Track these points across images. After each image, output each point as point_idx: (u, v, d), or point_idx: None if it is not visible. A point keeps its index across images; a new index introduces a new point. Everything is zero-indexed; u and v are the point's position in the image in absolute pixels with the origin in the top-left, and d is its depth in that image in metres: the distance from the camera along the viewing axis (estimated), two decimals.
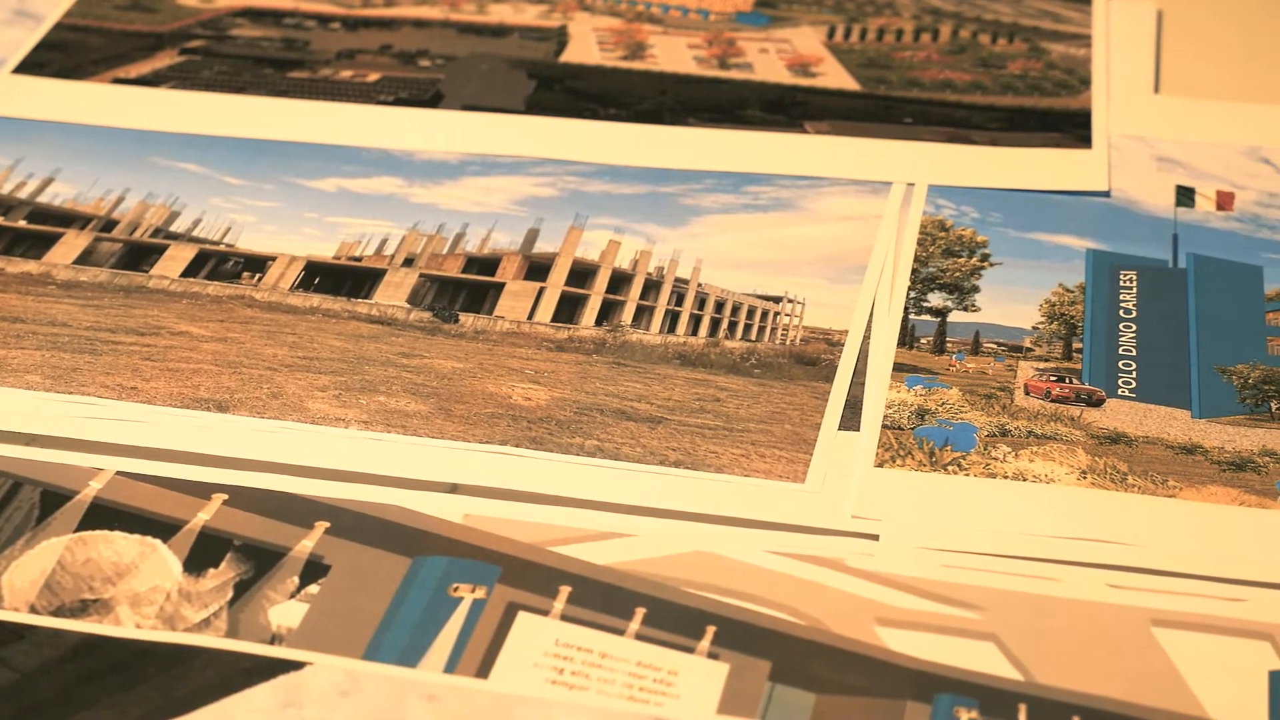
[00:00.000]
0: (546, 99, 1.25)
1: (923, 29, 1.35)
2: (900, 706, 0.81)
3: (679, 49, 1.32)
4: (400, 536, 0.89)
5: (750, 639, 0.84)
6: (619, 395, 1.00)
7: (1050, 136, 1.20)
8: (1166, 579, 0.87)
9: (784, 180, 1.17)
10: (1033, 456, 0.95)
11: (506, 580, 0.87)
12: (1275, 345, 1.03)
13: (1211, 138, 1.19)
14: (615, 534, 0.90)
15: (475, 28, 1.35)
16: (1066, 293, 1.07)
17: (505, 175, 1.18)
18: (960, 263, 1.09)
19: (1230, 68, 1.25)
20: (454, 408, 0.99)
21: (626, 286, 1.11)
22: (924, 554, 0.89)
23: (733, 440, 0.96)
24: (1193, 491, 0.92)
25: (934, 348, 1.04)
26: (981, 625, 0.85)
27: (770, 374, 1.03)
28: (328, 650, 0.83)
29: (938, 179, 1.16)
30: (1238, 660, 0.82)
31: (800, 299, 1.08)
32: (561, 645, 0.84)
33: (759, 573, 0.88)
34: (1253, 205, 1.13)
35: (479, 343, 1.06)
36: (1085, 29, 1.31)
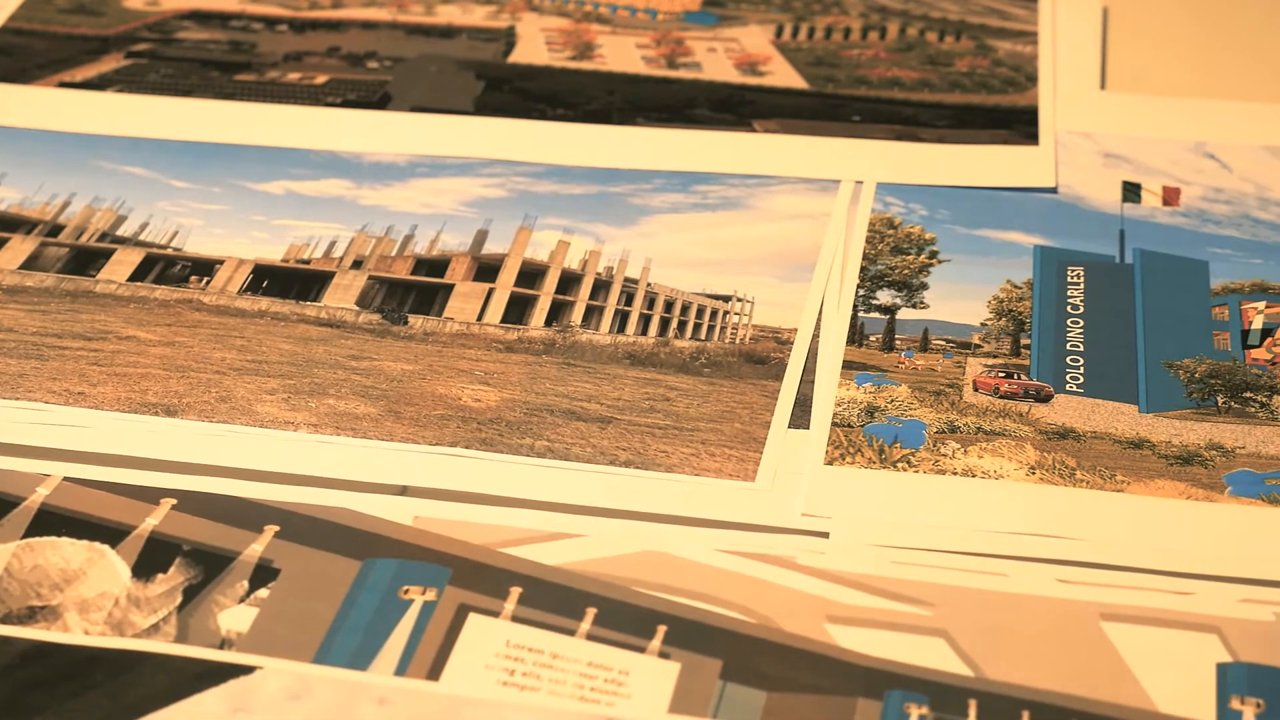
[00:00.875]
0: (495, 100, 1.25)
1: (870, 27, 1.35)
2: (851, 704, 0.81)
3: (627, 49, 1.32)
4: (350, 539, 0.89)
5: (701, 638, 0.84)
6: (569, 395, 1.00)
7: (997, 133, 1.20)
8: (1115, 573, 0.87)
9: (733, 179, 1.17)
10: (982, 453, 0.95)
11: (457, 582, 0.87)
12: (1221, 340, 1.03)
13: (1157, 133, 1.19)
14: (565, 534, 0.90)
15: (423, 29, 1.35)
16: (1014, 289, 1.07)
17: (454, 176, 1.18)
18: (909, 260, 1.10)
19: (1176, 63, 1.26)
20: (403, 410, 0.98)
21: (576, 287, 1.11)
22: (874, 551, 0.89)
23: (683, 439, 0.96)
24: (1140, 486, 0.92)
25: (883, 345, 1.04)
26: (931, 621, 0.85)
27: (720, 373, 1.04)
28: (278, 654, 0.83)
29: (886, 176, 1.16)
30: (1186, 653, 0.83)
31: (749, 297, 1.08)
32: (512, 646, 0.84)
33: (710, 571, 0.88)
34: (1198, 200, 1.13)
35: (428, 344, 1.06)
36: (1032, 26, 1.32)
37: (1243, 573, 0.87)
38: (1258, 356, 1.02)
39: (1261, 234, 1.10)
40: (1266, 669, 0.81)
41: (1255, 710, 0.80)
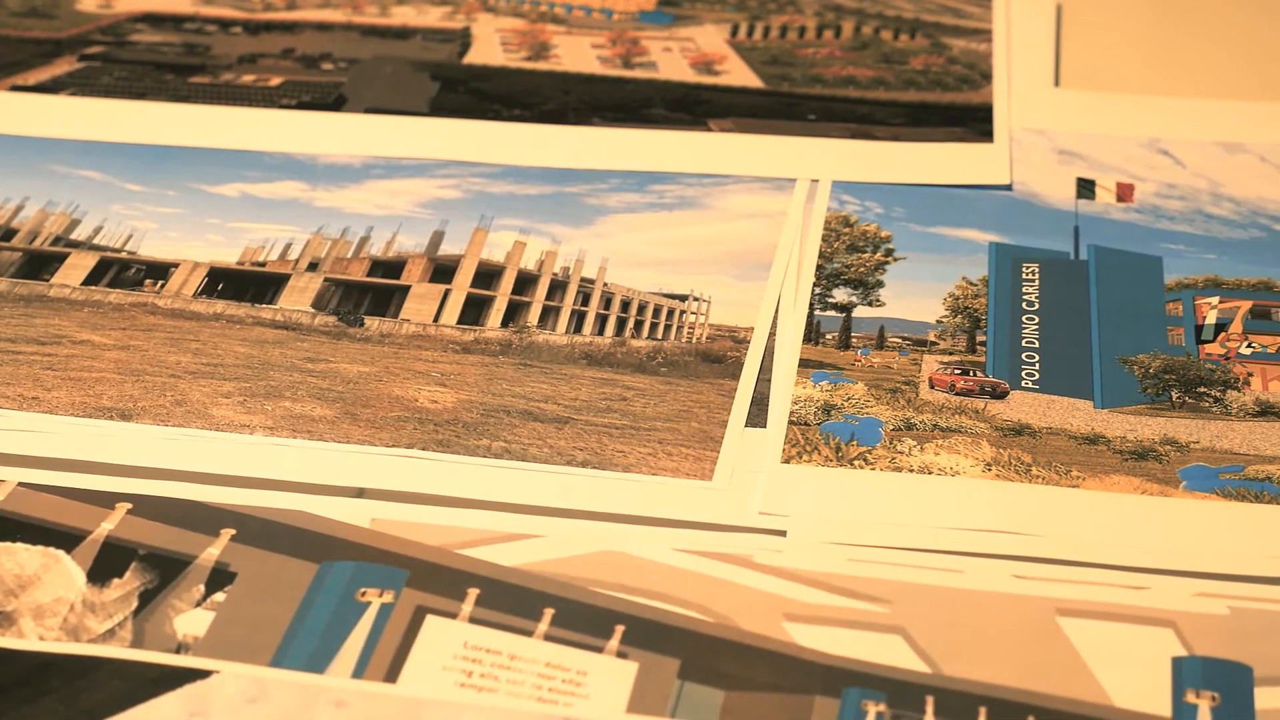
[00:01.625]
0: (450, 101, 1.25)
1: (825, 26, 1.35)
2: (809, 701, 0.81)
3: (583, 49, 1.32)
4: (307, 542, 0.89)
5: (659, 637, 0.84)
6: (526, 396, 1.00)
7: (952, 131, 1.20)
8: (1071, 569, 0.88)
9: (689, 178, 1.17)
10: (938, 449, 0.95)
11: (414, 584, 0.87)
12: (1175, 335, 1.04)
13: (1111, 130, 1.20)
14: (523, 535, 0.90)
15: (378, 30, 1.35)
16: (970, 286, 1.08)
17: (410, 178, 1.18)
18: (864, 258, 1.10)
19: (1129, 60, 1.27)
20: (360, 412, 0.98)
21: (532, 287, 1.11)
22: (831, 549, 0.89)
23: (640, 439, 0.97)
24: (1096, 481, 0.93)
25: (839, 343, 1.05)
26: (889, 619, 0.85)
27: (677, 372, 1.04)
28: (234, 658, 0.83)
29: (841, 175, 1.16)
30: (1141, 647, 0.83)
31: (706, 297, 1.08)
32: (470, 647, 0.83)
33: (667, 571, 0.88)
34: (1152, 196, 1.14)
35: (385, 346, 1.06)
36: (986, 24, 1.32)
37: (1197, 567, 0.87)
38: (1211, 351, 1.03)
39: (1214, 229, 1.11)
40: (1221, 662, 0.82)
41: (1210, 703, 0.80)
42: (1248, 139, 1.18)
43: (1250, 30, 1.28)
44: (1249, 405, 0.99)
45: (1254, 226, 1.11)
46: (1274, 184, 1.14)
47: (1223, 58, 1.26)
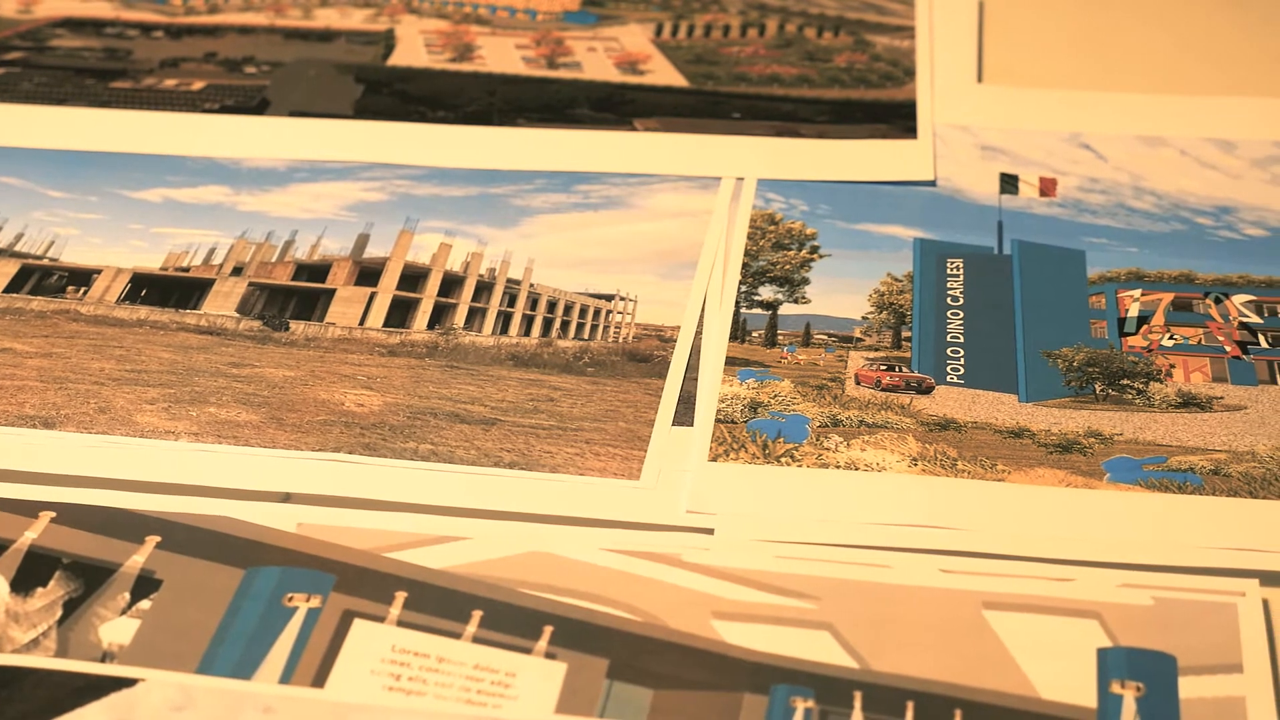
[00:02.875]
0: (375, 103, 1.25)
1: (750, 24, 1.35)
2: (737, 699, 0.81)
3: (507, 49, 1.32)
4: (233, 548, 0.89)
5: (587, 637, 0.84)
6: (452, 398, 1.00)
7: (876, 128, 1.21)
8: (997, 562, 0.88)
9: (614, 178, 1.17)
10: (864, 445, 0.96)
11: (341, 588, 0.86)
12: (1098, 328, 1.05)
13: (1034, 125, 1.20)
14: (450, 537, 0.90)
15: (301, 33, 1.34)
16: (895, 282, 1.08)
17: (334, 181, 1.17)
18: (790, 255, 1.10)
19: (1051, 56, 1.27)
20: (286, 416, 0.98)
21: (458, 289, 1.11)
22: (759, 546, 0.89)
23: (567, 439, 0.96)
24: (1021, 474, 0.93)
25: (765, 341, 1.05)
26: (816, 615, 0.85)
27: (603, 372, 1.04)
28: (160, 666, 0.82)
29: (766, 173, 1.16)
30: (1067, 639, 0.84)
31: (632, 296, 1.08)
32: (398, 651, 0.83)
33: (595, 571, 0.88)
34: (1074, 190, 1.15)
35: (310, 350, 1.06)
36: (909, 21, 1.33)
37: (1122, 558, 0.88)
38: (1134, 344, 1.04)
39: (1136, 223, 1.12)
40: (1146, 653, 0.82)
41: (1135, 693, 0.80)
42: (1168, 133, 1.19)
43: (1170, 25, 1.29)
44: (1171, 397, 1.00)
45: (1175, 219, 1.12)
46: (1195, 177, 1.15)
47: (1144, 52, 1.27)
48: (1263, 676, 0.81)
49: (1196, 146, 1.18)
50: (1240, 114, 1.20)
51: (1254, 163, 1.16)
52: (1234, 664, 0.82)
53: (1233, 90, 1.22)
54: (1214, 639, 0.83)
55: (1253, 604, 0.85)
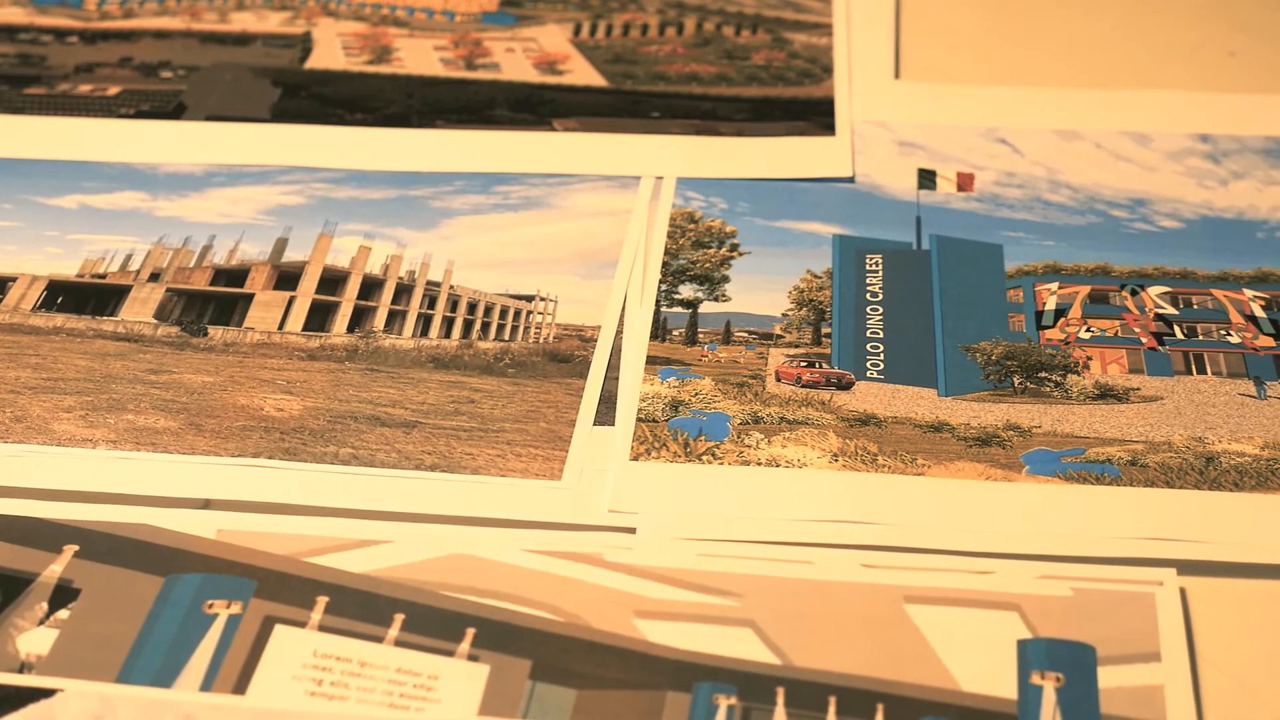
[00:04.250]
0: (292, 106, 1.24)
1: (668, 23, 1.35)
2: (660, 697, 0.81)
3: (425, 51, 1.32)
4: (152, 556, 0.88)
5: (510, 639, 0.84)
6: (373, 401, 1.00)
7: (795, 125, 1.21)
8: (917, 556, 0.89)
9: (534, 179, 1.17)
10: (785, 442, 0.96)
11: (262, 594, 0.86)
12: (1016, 321, 1.05)
13: (951, 120, 1.21)
14: (372, 541, 0.89)
15: (217, 37, 1.33)
16: (814, 278, 1.08)
17: (252, 185, 1.17)
18: (710, 254, 1.10)
19: (968, 52, 1.28)
20: (205, 422, 0.97)
21: (378, 292, 1.10)
22: (681, 544, 0.89)
23: (488, 441, 0.96)
24: (941, 469, 0.94)
25: (686, 339, 1.05)
26: (739, 612, 0.86)
27: (524, 373, 1.04)
28: (79, 675, 0.81)
29: (686, 171, 1.16)
30: (987, 631, 0.84)
31: (553, 296, 1.08)
32: (320, 656, 0.83)
33: (517, 572, 0.88)
34: (992, 185, 1.15)
35: (229, 355, 1.05)
36: (826, 18, 1.33)
37: (1041, 550, 0.89)
38: (1052, 337, 1.04)
39: (1053, 216, 1.12)
40: (1065, 643, 0.83)
41: (1055, 684, 0.81)
42: (1084, 127, 1.20)
43: (1085, 20, 1.30)
44: (1089, 389, 1.00)
45: (1091, 212, 1.13)
46: (1110, 170, 1.16)
47: (1059, 48, 1.28)
48: (1180, 665, 0.82)
49: (1112, 140, 1.19)
50: (1155, 107, 1.21)
51: (1168, 155, 1.17)
52: (1152, 653, 0.83)
53: (1147, 84, 1.23)
54: (1132, 628, 0.84)
55: (1170, 593, 0.86)
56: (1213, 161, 1.16)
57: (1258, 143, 1.17)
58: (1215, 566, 0.88)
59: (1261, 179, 1.14)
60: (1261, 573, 0.88)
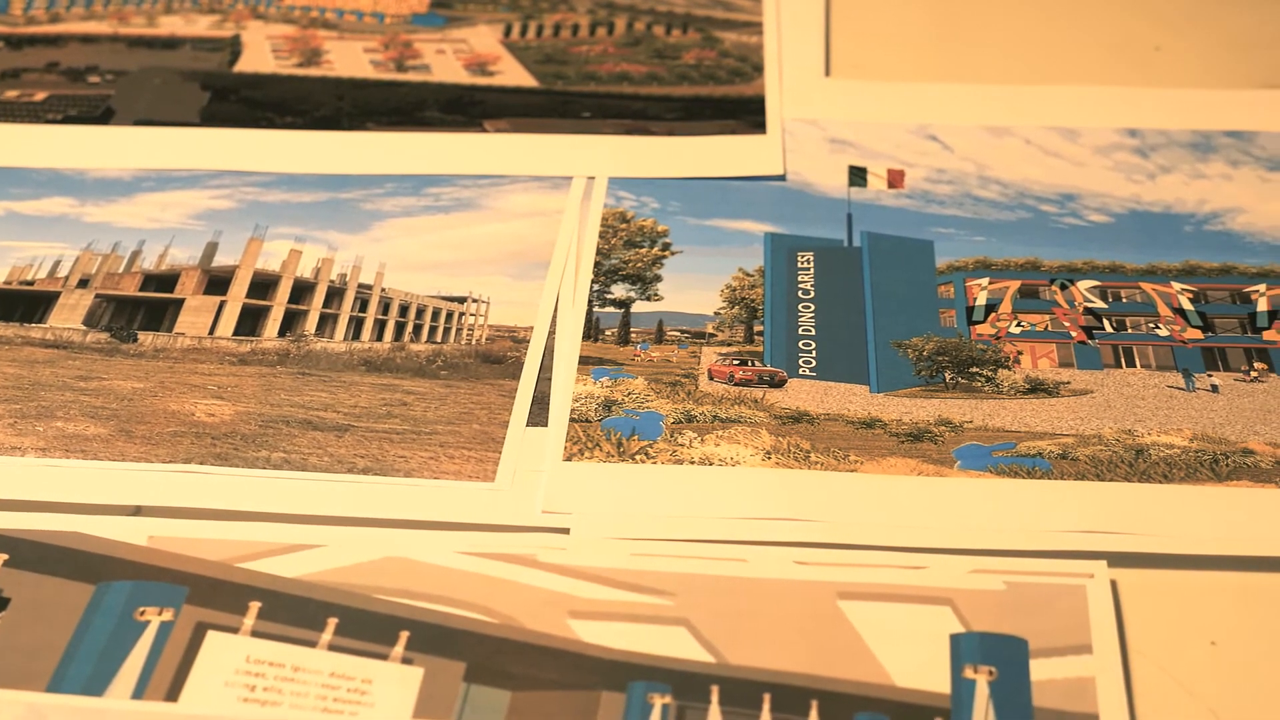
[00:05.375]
0: (222, 110, 1.24)
1: (599, 23, 1.35)
2: (595, 697, 0.81)
3: (355, 53, 1.31)
4: (82, 563, 0.87)
5: (444, 641, 0.84)
6: (305, 405, 0.99)
7: (726, 124, 1.21)
8: (851, 552, 0.89)
9: (465, 180, 1.17)
10: (718, 440, 0.96)
11: (194, 600, 0.86)
12: (947, 317, 1.06)
13: (881, 118, 1.21)
14: (304, 545, 0.89)
15: (145, 41, 1.32)
16: (746, 277, 1.08)
17: (181, 189, 1.16)
18: (642, 253, 1.10)
19: (897, 49, 1.28)
20: (135, 428, 0.97)
21: (309, 295, 1.10)
22: (614, 544, 0.89)
23: (421, 443, 0.96)
24: (873, 465, 0.94)
25: (619, 339, 1.05)
26: (673, 611, 0.86)
27: (457, 375, 1.03)
28: (8, 685, 0.81)
29: (617, 171, 1.16)
30: (920, 626, 0.84)
31: (485, 298, 1.08)
32: (253, 662, 0.83)
33: (451, 574, 0.88)
34: (922, 182, 1.16)
35: (159, 361, 1.04)
36: (757, 17, 1.33)
37: (973, 544, 0.89)
38: (982, 332, 1.05)
39: (983, 212, 1.13)
40: (997, 637, 0.83)
41: (988, 677, 0.81)
42: (1013, 122, 1.20)
43: (1014, 17, 1.31)
44: (1019, 383, 1.01)
45: (1020, 208, 1.13)
46: (1039, 165, 1.17)
47: (989, 44, 1.28)
48: (1111, 656, 0.83)
49: (1041, 135, 1.19)
50: (1083, 102, 1.21)
51: (1096, 150, 1.18)
52: (1084, 645, 0.83)
53: (1076, 79, 1.24)
54: (1064, 621, 0.84)
55: (1101, 585, 0.86)
56: (1140, 156, 1.17)
57: (1184, 136, 1.18)
58: (1145, 558, 0.88)
59: (1189, 172, 1.15)
60: (1190, 563, 0.88)
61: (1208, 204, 1.13)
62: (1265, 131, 1.18)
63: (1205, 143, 1.18)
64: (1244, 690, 0.83)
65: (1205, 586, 0.88)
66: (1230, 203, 1.13)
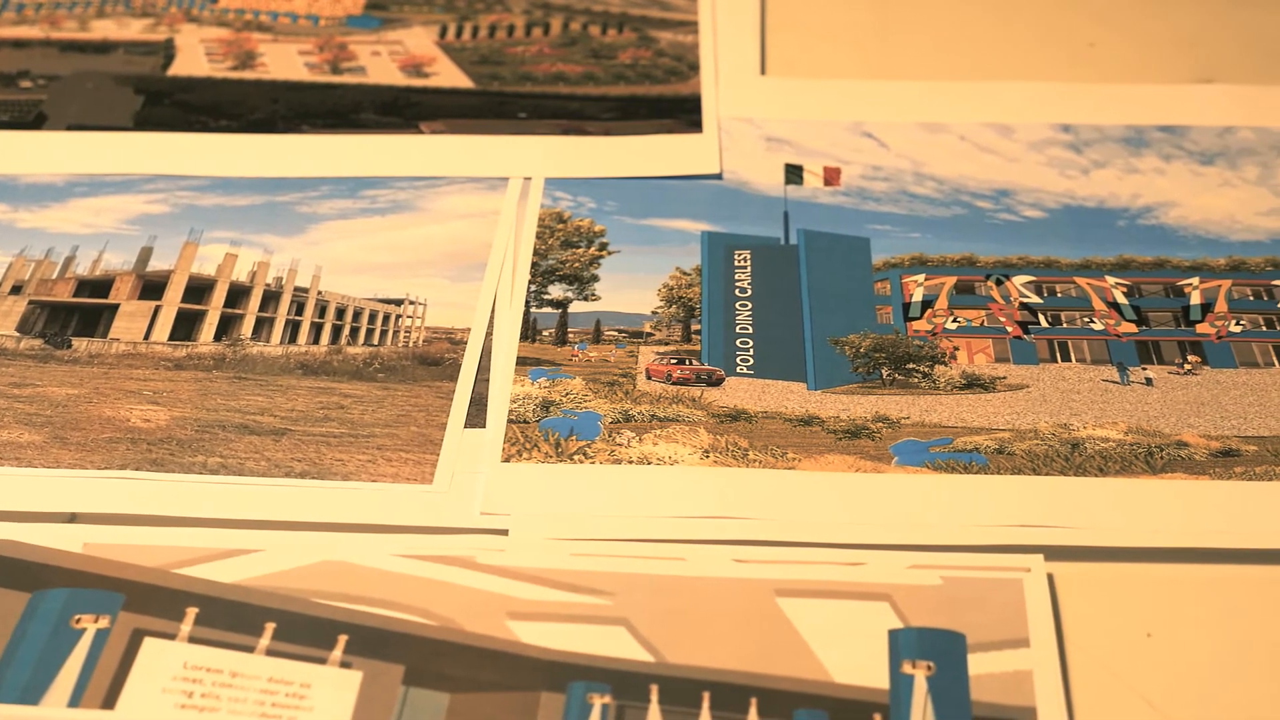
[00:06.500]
0: (156, 114, 1.23)
1: (534, 24, 1.35)
2: (535, 698, 0.81)
3: (290, 56, 1.31)
4: (17, 572, 0.87)
5: (382, 644, 0.84)
6: (241, 410, 0.99)
7: (662, 123, 1.21)
8: (789, 550, 0.89)
9: (401, 182, 1.16)
10: (656, 440, 0.96)
11: (131, 607, 0.85)
12: (884, 314, 1.06)
13: (817, 115, 1.22)
14: (242, 550, 0.89)
15: (78, 45, 1.31)
16: (684, 276, 1.09)
17: (115, 194, 1.15)
18: (579, 253, 1.10)
19: (832, 46, 1.28)
20: (69, 435, 0.96)
21: (245, 299, 1.09)
22: (553, 545, 0.89)
23: (359, 447, 0.96)
24: (811, 462, 0.94)
25: (556, 339, 1.05)
26: (612, 610, 0.86)
27: (394, 377, 1.03)
28: None
29: (554, 171, 1.16)
30: (859, 622, 0.85)
31: (422, 300, 1.08)
32: (190, 668, 0.82)
33: (389, 577, 0.87)
34: (858, 179, 1.16)
35: (94, 367, 1.04)
36: (692, 16, 1.34)
37: (911, 540, 0.89)
38: (919, 328, 1.05)
39: (918, 208, 1.13)
40: (935, 632, 0.84)
41: (926, 672, 0.82)
42: (948, 119, 1.21)
43: (948, 13, 1.31)
44: (955, 379, 1.01)
45: (956, 204, 1.14)
46: (974, 162, 1.17)
47: (923, 41, 1.29)
48: (1048, 650, 0.83)
49: (975, 131, 1.20)
50: (1017, 98, 1.22)
51: (1030, 146, 1.18)
52: (1021, 639, 0.83)
53: (1010, 75, 1.24)
54: (1001, 615, 0.85)
55: (1038, 579, 0.86)
56: (1074, 151, 1.18)
57: (1118, 131, 1.19)
58: (1081, 551, 0.89)
59: (1122, 167, 1.16)
60: (1126, 556, 0.89)
61: (1141, 198, 1.14)
62: (1198, 126, 1.19)
63: (1138, 137, 1.18)
64: (1179, 681, 0.83)
65: (1141, 578, 0.88)
66: (1163, 197, 1.14)
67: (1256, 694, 0.83)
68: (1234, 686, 0.83)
